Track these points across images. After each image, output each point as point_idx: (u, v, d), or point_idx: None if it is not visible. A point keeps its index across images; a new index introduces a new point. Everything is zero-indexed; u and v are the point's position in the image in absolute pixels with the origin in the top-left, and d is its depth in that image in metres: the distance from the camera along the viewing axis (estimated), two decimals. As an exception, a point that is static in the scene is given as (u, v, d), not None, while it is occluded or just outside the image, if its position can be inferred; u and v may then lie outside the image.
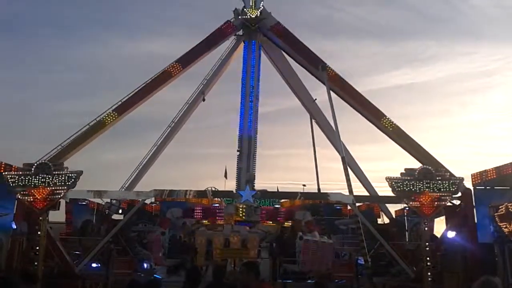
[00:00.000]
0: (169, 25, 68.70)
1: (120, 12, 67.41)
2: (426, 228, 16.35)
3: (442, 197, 15.69)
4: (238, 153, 25.10)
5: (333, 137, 24.48)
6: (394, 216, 26.23)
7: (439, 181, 15.70)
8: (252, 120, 25.60)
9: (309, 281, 18.49)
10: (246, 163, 24.73)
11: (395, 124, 22.88)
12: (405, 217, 24.66)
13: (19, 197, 16.04)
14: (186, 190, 17.09)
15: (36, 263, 15.04)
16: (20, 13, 63.63)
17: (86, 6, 66.21)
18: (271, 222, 23.05)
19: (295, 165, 55.33)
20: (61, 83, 62.10)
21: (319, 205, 23.89)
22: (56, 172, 15.88)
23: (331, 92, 23.57)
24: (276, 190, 24.27)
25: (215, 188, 20.23)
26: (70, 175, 15.88)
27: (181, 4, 65.55)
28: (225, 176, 27.42)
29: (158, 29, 64.74)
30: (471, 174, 17.68)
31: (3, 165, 16.77)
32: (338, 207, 25.51)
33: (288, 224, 23.00)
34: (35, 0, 65.52)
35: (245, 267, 6.72)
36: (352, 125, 34.37)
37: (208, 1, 58.94)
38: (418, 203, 15.57)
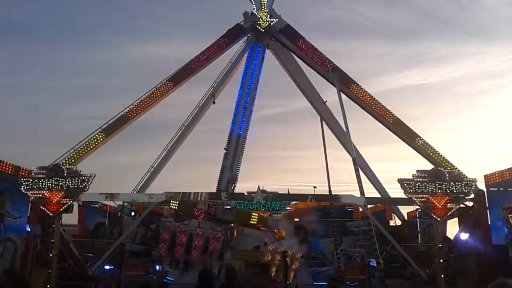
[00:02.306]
0: (179, 29, 69.25)
1: (130, 16, 68.13)
2: (439, 230, 16.24)
3: (455, 199, 15.56)
4: (225, 151, 25.28)
5: (344, 138, 24.43)
6: (406, 217, 26.07)
7: (452, 183, 15.56)
8: (244, 120, 25.73)
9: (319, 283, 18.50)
10: (231, 163, 24.86)
11: (406, 125, 22.78)
12: (417, 219, 24.50)
13: (33, 200, 16.23)
14: (198, 193, 17.16)
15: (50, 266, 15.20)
16: (32, 18, 64.49)
17: (97, 11, 66.88)
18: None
19: (306, 166, 55.27)
20: (73, 87, 62.80)
21: (330, 207, 23.81)
22: (69, 175, 16.03)
23: (341, 93, 23.58)
24: (287, 192, 24.30)
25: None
26: (83, 178, 16.02)
27: (190, 8, 66.05)
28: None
29: (168, 33, 65.36)
30: (484, 175, 17.50)
31: (15, 168, 16.99)
32: (350, 209, 25.40)
33: None
34: (47, 6, 66.31)
35: (259, 268, 6.78)
36: (362, 126, 34.22)
37: (218, 5, 59.24)
38: (430, 204, 15.45)
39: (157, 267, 21.17)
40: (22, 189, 15.80)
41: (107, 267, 18.61)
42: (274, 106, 58.38)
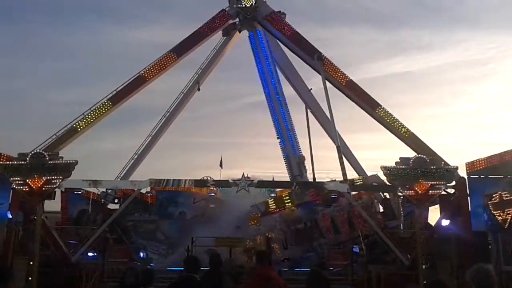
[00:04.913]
0: (163, 12, 68.16)
1: (115, 0, 66.81)
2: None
3: (437, 186, 15.77)
4: (279, 140, 25.42)
5: (328, 126, 24.53)
6: (388, 204, 26.36)
7: (434, 170, 15.77)
8: (284, 109, 25.89)
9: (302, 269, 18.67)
10: (290, 148, 25.03)
11: (390, 113, 22.92)
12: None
13: (14, 186, 16.01)
14: (183, 180, 17.12)
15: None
16: (13, 0, 62.96)
17: (81, -6, 65.39)
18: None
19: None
20: (55, 72, 61.61)
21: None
22: (51, 162, 15.82)
23: (326, 81, 23.61)
24: (271, 180, 24.38)
25: (210, 178, 20.31)
26: (65, 164, 15.82)
27: (176, -8, 64.96)
28: (220, 165, 27.53)
29: (152, 16, 64.22)
30: (465, 163, 17.78)
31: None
32: (333, 196, 25.63)
33: None
34: (28, -12, 64.71)
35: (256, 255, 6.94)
36: (347, 114, 34.37)
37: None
38: (412, 191, 15.65)
39: (141, 254, 21.19)
40: (2, 175, 15.58)
41: (90, 254, 18.57)
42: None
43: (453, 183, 16.75)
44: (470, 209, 16.99)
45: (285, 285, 7.24)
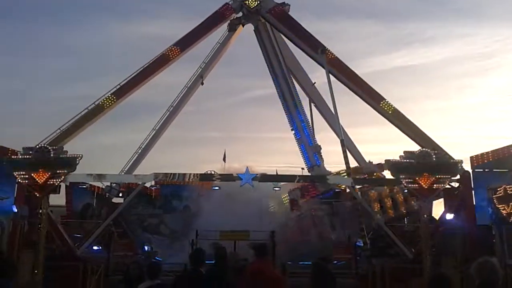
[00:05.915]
0: (163, 7, 67.87)
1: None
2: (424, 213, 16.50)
3: (441, 180, 15.78)
4: (293, 131, 25.50)
5: (332, 120, 24.48)
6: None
7: (438, 164, 15.76)
8: (296, 101, 25.95)
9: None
10: (305, 139, 25.13)
11: (394, 107, 22.85)
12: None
13: (19, 180, 16.10)
14: (188, 174, 17.17)
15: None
16: (13, -2, 62.95)
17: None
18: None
19: (294, 148, 55.20)
20: (57, 68, 61.66)
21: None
22: (56, 156, 15.89)
23: (330, 75, 23.53)
24: (275, 174, 24.40)
25: (214, 172, 20.40)
26: (69, 158, 15.90)
27: (179, -14, 64.75)
28: (224, 159, 27.55)
29: (153, 11, 64.11)
30: (470, 157, 17.74)
31: (1, 149, 16.79)
32: (337, 190, 25.64)
33: None
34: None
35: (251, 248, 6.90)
36: (351, 107, 34.24)
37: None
38: (417, 185, 15.65)
39: (146, 247, 21.26)
40: (8, 170, 15.67)
41: (95, 247, 18.66)
42: (262, 87, 58.12)
43: (458, 176, 16.73)
44: (474, 203, 16.97)
45: (281, 279, 7.23)
